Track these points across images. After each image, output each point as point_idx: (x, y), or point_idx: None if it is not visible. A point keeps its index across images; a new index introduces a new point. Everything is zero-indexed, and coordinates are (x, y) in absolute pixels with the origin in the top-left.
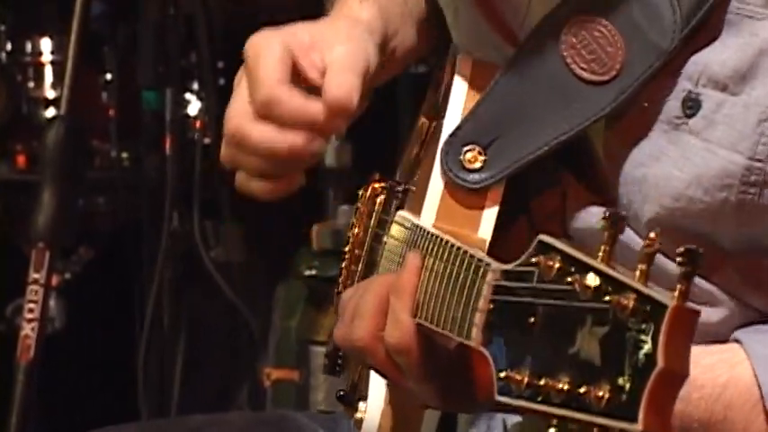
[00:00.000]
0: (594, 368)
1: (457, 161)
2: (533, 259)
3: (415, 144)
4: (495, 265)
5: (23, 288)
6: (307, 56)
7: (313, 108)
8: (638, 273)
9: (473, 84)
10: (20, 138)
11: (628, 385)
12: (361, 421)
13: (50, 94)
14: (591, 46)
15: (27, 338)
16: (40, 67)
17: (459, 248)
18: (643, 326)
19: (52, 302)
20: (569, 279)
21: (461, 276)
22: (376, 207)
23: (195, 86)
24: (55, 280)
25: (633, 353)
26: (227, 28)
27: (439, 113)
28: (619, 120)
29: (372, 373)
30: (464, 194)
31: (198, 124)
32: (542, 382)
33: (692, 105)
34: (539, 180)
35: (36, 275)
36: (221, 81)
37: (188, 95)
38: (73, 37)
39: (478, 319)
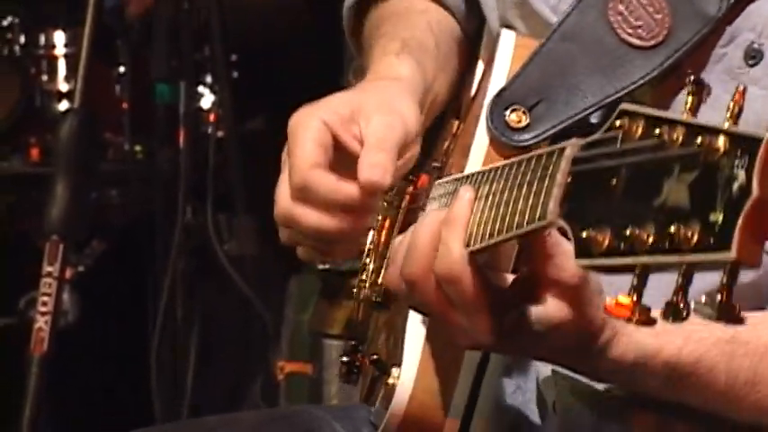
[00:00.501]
0: (684, 211)
1: (502, 121)
2: (617, 123)
3: (444, 140)
4: (573, 140)
5: (36, 281)
6: (347, 129)
7: (346, 191)
8: (726, 124)
9: (516, 54)
10: (33, 131)
11: (720, 218)
12: (393, 387)
13: (63, 87)
14: (638, 12)
15: (41, 331)
16: (53, 60)
17: (523, 158)
18: (736, 161)
19: (65, 295)
20: (657, 132)
21: (530, 174)
22: (407, 190)
23: (208, 80)
24: (68, 273)
25: (725, 188)
26: (240, 21)
27: (480, 88)
28: (670, 75)
29: (408, 338)
30: (509, 152)
31: (211, 117)
32: (626, 233)
33: (754, 55)
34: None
35: (50, 268)
36: (234, 74)
37: (201, 89)
38: (86, 30)
39: (556, 192)
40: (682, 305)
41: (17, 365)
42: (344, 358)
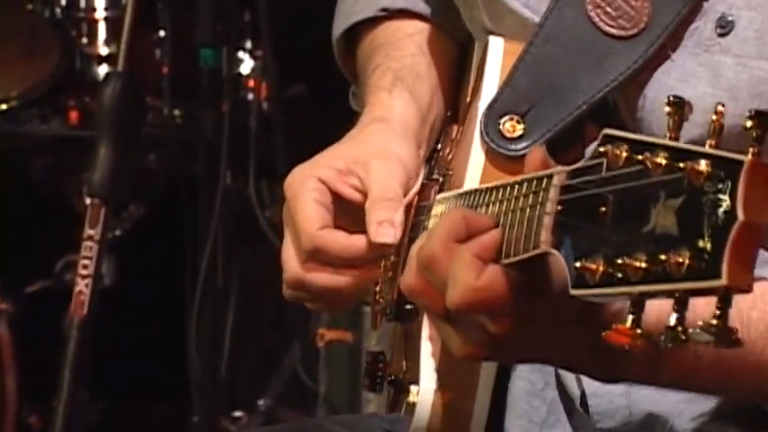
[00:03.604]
0: (672, 238)
1: (497, 131)
2: (601, 149)
3: (445, 147)
4: (560, 167)
5: (73, 244)
6: (344, 183)
7: (357, 245)
8: (707, 146)
9: (506, 60)
10: (73, 94)
11: (708, 245)
12: (413, 405)
13: (104, 50)
14: (616, 2)
15: (81, 294)
16: (93, 23)
17: (514, 182)
18: (720, 186)
19: None
20: (639, 158)
21: (522, 199)
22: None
23: (248, 45)
24: None
25: (711, 214)
26: None
27: (473, 95)
28: (653, 58)
29: (423, 353)
30: (506, 163)
31: (251, 83)
32: (619, 262)
33: (724, 25)
34: (566, 135)
35: (91, 231)
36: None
37: (241, 54)
38: None
39: (547, 221)
40: (680, 330)
41: (54, 327)
42: (366, 367)
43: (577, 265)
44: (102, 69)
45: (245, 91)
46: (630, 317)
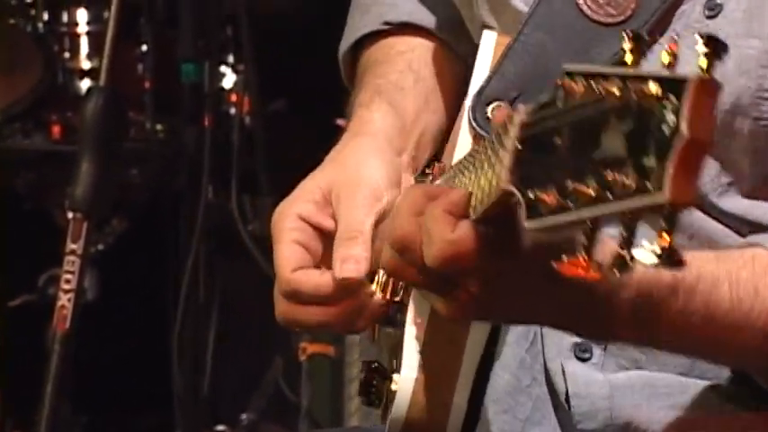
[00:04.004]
0: (620, 160)
1: (484, 118)
2: (558, 82)
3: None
4: (521, 107)
5: (56, 258)
6: (324, 214)
7: (327, 284)
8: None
9: (496, 52)
10: (55, 108)
11: (653, 163)
12: (395, 393)
13: (86, 65)
14: None
15: (63, 309)
16: (75, 37)
17: (482, 147)
18: (666, 104)
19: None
20: (595, 88)
21: (489, 149)
22: None
23: (230, 59)
24: None
25: (657, 132)
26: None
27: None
28: None
29: (406, 344)
30: None
31: (233, 97)
32: (570, 189)
33: (713, 7)
34: None
35: (73, 246)
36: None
37: (223, 68)
38: (113, 8)
39: (507, 160)
40: (627, 255)
41: (36, 343)
42: (363, 377)
43: (531, 196)
44: (85, 84)
45: (227, 105)
46: (583, 248)
